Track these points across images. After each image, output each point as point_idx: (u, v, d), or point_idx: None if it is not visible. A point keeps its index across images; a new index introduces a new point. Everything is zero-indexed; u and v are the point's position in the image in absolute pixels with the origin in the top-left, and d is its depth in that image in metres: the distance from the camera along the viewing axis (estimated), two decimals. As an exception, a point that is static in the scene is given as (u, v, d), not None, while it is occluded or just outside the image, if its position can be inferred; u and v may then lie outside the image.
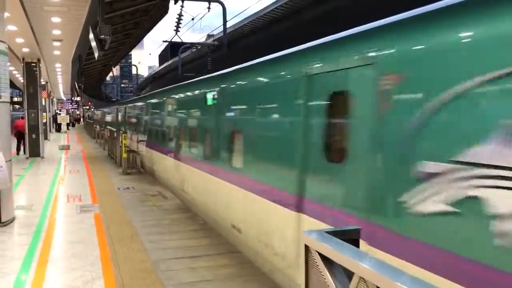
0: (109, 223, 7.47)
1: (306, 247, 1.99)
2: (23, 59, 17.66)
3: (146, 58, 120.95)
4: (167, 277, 5.09)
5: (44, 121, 21.19)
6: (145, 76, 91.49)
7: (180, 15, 22.08)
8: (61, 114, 46.47)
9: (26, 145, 17.80)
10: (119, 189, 10.87)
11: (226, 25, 20.80)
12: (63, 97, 55.37)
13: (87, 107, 75.18)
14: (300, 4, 22.93)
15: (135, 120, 17.13)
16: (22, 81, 19.18)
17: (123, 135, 13.98)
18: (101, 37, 9.77)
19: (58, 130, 37.75)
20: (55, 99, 47.83)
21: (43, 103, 22.75)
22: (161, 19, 21.16)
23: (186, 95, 9.74)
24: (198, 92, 8.48)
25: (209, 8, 20.49)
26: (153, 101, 13.63)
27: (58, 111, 51.05)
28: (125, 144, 13.87)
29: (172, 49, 48.33)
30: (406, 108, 3.02)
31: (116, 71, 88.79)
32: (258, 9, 27.49)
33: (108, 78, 73.12)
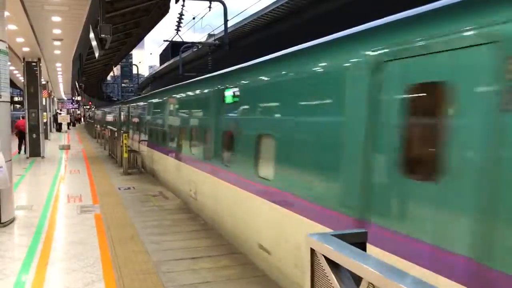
0: (110, 224, 7.42)
1: (311, 250, 1.94)
2: (24, 59, 17.63)
3: (146, 57, 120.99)
4: (169, 279, 5.03)
5: (44, 120, 21.17)
6: (146, 75, 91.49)
7: (181, 15, 22.03)
8: (61, 113, 46.44)
9: (27, 145, 17.78)
10: (119, 189, 10.82)
11: (227, 24, 20.74)
12: (63, 96, 55.40)
13: (88, 107, 75.20)
14: (301, 3, 22.87)
15: (140, 120, 15.86)
16: (22, 80, 19.15)
17: (124, 135, 13.94)
18: (102, 36, 9.72)
19: (58, 129, 37.72)
20: (55, 99, 47.83)
21: (44, 103, 22.72)
22: (162, 19, 21.11)
23: (200, 92, 8.58)
24: (214, 89, 7.48)
25: (210, 7, 20.43)
26: (162, 99, 12.32)
27: (58, 111, 51.04)
28: (126, 144, 13.82)
29: (173, 49, 48.25)
30: None
31: (116, 70, 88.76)
32: (258, 9, 27.47)
33: (108, 77, 73.11)
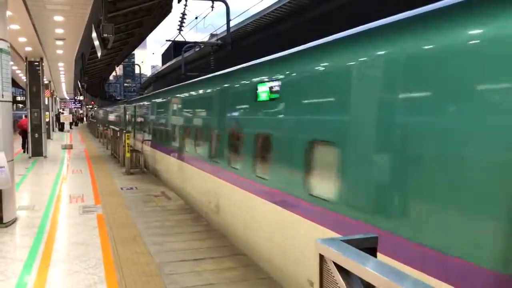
0: (112, 224, 7.37)
1: (320, 256, 1.88)
2: (26, 58, 17.61)
3: (149, 57, 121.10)
4: (171, 281, 4.98)
5: (47, 120, 21.15)
6: (148, 75, 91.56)
7: (183, 14, 22.00)
8: (64, 113, 46.47)
9: (29, 144, 17.78)
10: (122, 189, 10.78)
11: (229, 24, 20.69)
12: (66, 96, 55.42)
13: (90, 106, 75.31)
14: (303, 3, 22.79)
15: (148, 121, 14.58)
16: (25, 80, 19.14)
17: (126, 135, 13.91)
18: (104, 36, 9.68)
19: (61, 129, 37.75)
20: (58, 98, 47.85)
21: (46, 102, 22.70)
22: (164, 18, 21.11)
23: (223, 89, 7.44)
24: (242, 84, 6.53)
25: (212, 7, 20.39)
26: (176, 98, 10.90)
27: (61, 110, 51.08)
28: (128, 143, 13.79)
29: (175, 49, 48.27)
30: None
31: (119, 70, 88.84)
32: (260, 9, 27.41)
33: (111, 77, 73.13)
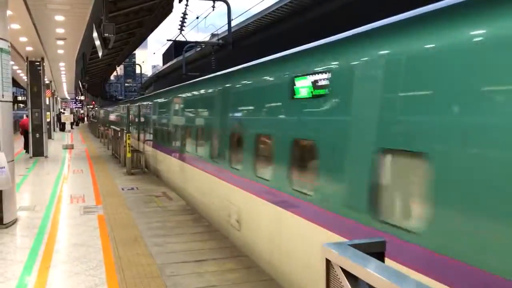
0: (113, 225, 7.33)
1: (327, 261, 1.83)
2: (27, 58, 17.58)
3: (150, 57, 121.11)
4: (173, 282, 4.93)
5: (48, 120, 21.12)
6: (149, 75, 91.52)
7: (184, 14, 21.93)
8: (65, 113, 46.44)
9: (30, 144, 17.76)
10: (123, 189, 10.74)
11: (231, 24, 20.62)
12: (67, 96, 55.44)
13: (91, 106, 75.33)
14: (304, 3, 22.73)
15: (156, 122, 13.41)
16: (26, 80, 19.11)
17: (127, 135, 13.86)
18: (105, 35, 9.64)
19: (62, 129, 37.73)
20: (59, 98, 47.85)
21: (47, 102, 22.68)
22: (165, 18, 21.08)
23: (249, 85, 6.46)
24: (271, 78, 5.56)
25: (213, 7, 20.31)
26: (191, 95, 9.77)
27: (62, 110, 51.05)
28: (129, 144, 13.75)
29: (176, 49, 48.23)
30: None
31: (120, 70, 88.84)
32: (261, 9, 27.36)
33: (112, 77, 73.16)
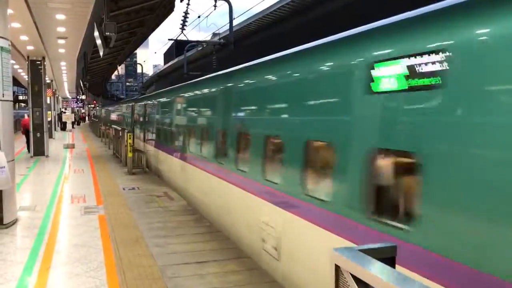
0: (114, 226, 7.27)
1: (336, 267, 1.76)
2: (28, 57, 17.52)
3: (151, 56, 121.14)
4: (174, 284, 4.87)
5: (49, 119, 21.07)
6: (150, 74, 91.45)
7: (186, 13, 21.87)
8: (66, 112, 46.39)
9: (31, 143, 17.72)
10: (124, 189, 10.67)
11: (232, 23, 20.55)
12: (68, 95, 55.40)
13: (92, 106, 75.35)
14: (306, 2, 22.64)
15: (167, 122, 12.18)
16: (27, 79, 19.06)
17: (129, 134, 13.80)
18: (106, 34, 9.58)
19: (63, 128, 37.69)
20: (60, 98, 47.82)
21: (48, 102, 22.62)
22: (167, 17, 20.98)
23: (295, 77, 5.09)
24: (331, 65, 4.42)
25: (215, 6, 20.26)
26: (212, 91, 8.64)
27: (63, 109, 51.03)
28: (130, 143, 13.69)
29: (177, 48, 48.15)
30: None
31: (121, 69, 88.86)
32: (263, 8, 27.27)
33: (113, 76, 73.14)
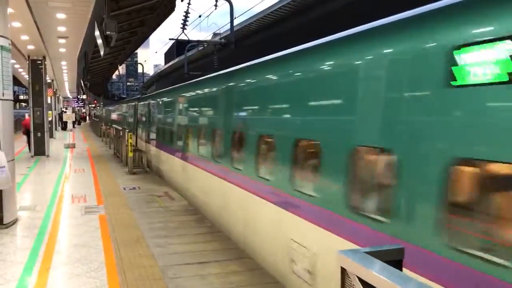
0: (115, 226, 7.22)
1: (342, 270, 1.72)
2: (29, 57, 17.48)
3: (152, 56, 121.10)
4: (176, 285, 4.83)
5: (50, 119, 21.04)
6: (151, 74, 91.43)
7: (186, 13, 21.82)
8: (67, 112, 46.37)
9: (31, 143, 17.69)
10: (124, 189, 10.63)
11: (233, 23, 20.50)
12: (69, 95, 55.41)
13: (93, 105, 75.37)
14: (307, 1, 22.58)
15: (178, 122, 10.85)
16: (27, 78, 19.03)
17: (129, 134, 13.77)
18: (107, 33, 9.53)
19: (64, 128, 37.68)
20: (61, 97, 47.81)
21: (49, 101, 22.59)
22: (168, 17, 20.91)
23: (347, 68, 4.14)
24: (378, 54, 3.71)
25: (216, 5, 20.21)
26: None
27: (64, 109, 51.02)
28: (131, 143, 13.65)
29: (178, 48, 48.09)
30: None
31: (122, 69, 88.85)
32: (264, 8, 27.20)
33: (114, 76, 73.08)
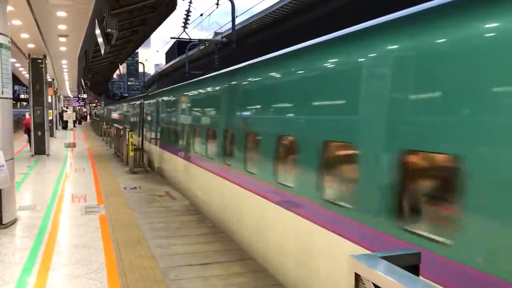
0: (115, 226, 7.13)
1: (356, 276, 1.62)
2: (29, 55, 17.40)
3: (153, 55, 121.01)
4: (177, 287, 4.73)
5: (50, 118, 20.96)
6: (152, 74, 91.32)
7: (188, 11, 21.73)
8: (67, 111, 46.32)
9: (32, 142, 17.61)
10: (125, 188, 10.54)
11: (235, 22, 20.42)
12: (70, 94, 55.38)
13: (94, 105, 75.31)
14: (308, 0, 22.46)
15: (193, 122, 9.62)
16: (28, 77, 18.95)
17: (130, 133, 13.67)
18: (108, 31, 9.43)
19: (64, 127, 37.63)
20: (61, 96, 47.76)
21: (50, 100, 22.51)
22: (169, 16, 20.83)
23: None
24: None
25: (217, 4, 20.13)
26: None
27: (64, 108, 50.96)
28: (131, 142, 13.56)
29: (179, 47, 47.98)
30: None
31: (122, 68, 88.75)
32: (265, 7, 27.09)
33: (114, 76, 73.03)
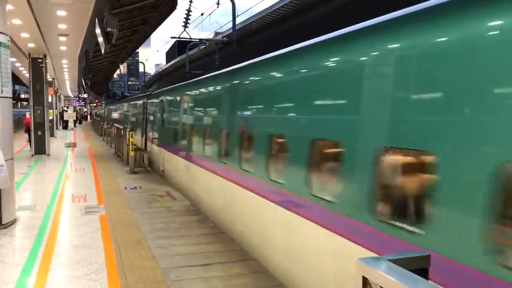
0: (115, 226, 7.08)
1: (364, 279, 1.57)
2: (29, 55, 17.35)
3: (153, 55, 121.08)
4: (178, 288, 4.69)
5: (50, 118, 20.92)
6: (152, 73, 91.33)
7: (188, 11, 21.69)
8: (68, 111, 46.30)
9: (32, 142, 17.57)
10: (125, 188, 10.50)
11: (235, 21, 20.36)
12: (70, 94, 55.37)
13: (94, 105, 75.24)
14: (309, 0, 22.40)
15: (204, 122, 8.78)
16: (28, 77, 18.91)
17: (130, 133, 13.63)
18: (108, 30, 9.38)
19: (65, 127, 37.60)
20: (62, 96, 47.73)
21: (50, 100, 22.47)
22: (169, 15, 20.78)
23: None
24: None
25: (218, 3, 20.08)
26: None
27: (65, 108, 50.93)
28: (132, 142, 13.51)
29: (179, 47, 47.94)
30: None
31: (123, 68, 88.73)
32: (265, 7, 27.04)
33: (115, 75, 72.99)
